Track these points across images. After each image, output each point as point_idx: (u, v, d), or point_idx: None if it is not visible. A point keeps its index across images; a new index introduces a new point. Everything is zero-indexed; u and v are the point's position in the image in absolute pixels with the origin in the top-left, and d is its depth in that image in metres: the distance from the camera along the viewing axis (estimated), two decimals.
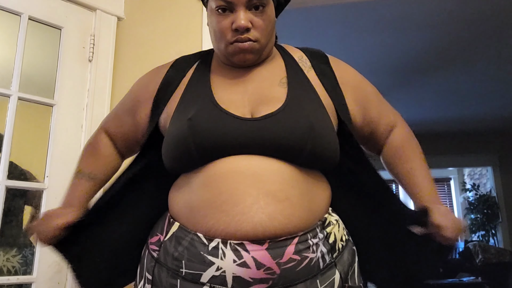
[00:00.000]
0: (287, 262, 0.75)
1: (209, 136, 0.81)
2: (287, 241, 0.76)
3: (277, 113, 0.83)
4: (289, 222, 0.76)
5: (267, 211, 0.75)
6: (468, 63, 3.73)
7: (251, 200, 0.75)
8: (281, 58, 0.98)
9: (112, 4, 1.76)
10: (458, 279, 4.48)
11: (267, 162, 0.79)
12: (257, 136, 0.80)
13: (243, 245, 0.74)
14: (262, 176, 0.78)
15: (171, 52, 1.78)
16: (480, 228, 5.70)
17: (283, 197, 0.77)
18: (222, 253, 0.74)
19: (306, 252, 0.77)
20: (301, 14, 2.90)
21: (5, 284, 1.38)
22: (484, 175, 6.10)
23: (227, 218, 0.75)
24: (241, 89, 0.91)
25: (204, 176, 0.81)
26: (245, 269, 0.73)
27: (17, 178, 1.47)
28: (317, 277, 0.77)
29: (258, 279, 0.73)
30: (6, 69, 1.50)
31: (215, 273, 0.74)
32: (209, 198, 0.78)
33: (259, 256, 0.73)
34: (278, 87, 0.90)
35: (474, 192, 6.00)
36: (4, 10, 1.50)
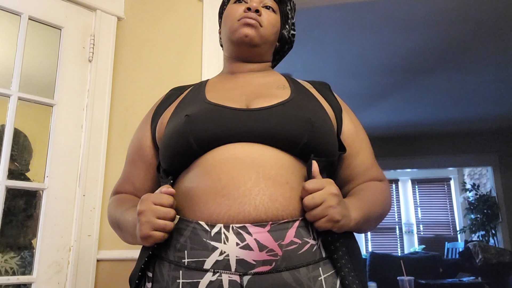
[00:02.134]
0: (289, 245, 0.75)
1: (207, 126, 0.83)
2: (289, 223, 0.76)
3: (276, 106, 0.86)
4: (289, 204, 0.77)
5: (268, 193, 0.76)
6: (468, 63, 3.74)
7: (252, 183, 0.77)
8: (281, 75, 1.06)
9: (112, 4, 1.76)
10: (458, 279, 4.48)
11: (265, 150, 0.81)
12: (254, 125, 0.82)
13: (245, 228, 0.74)
14: (262, 161, 0.79)
15: (171, 52, 1.78)
16: (480, 228, 5.71)
17: (284, 181, 0.78)
18: (225, 237, 0.75)
19: (307, 237, 0.77)
20: (301, 14, 2.89)
21: (5, 284, 1.38)
22: (484, 175, 6.11)
23: (228, 201, 0.76)
24: (238, 91, 0.95)
25: (202, 165, 0.82)
26: (248, 251, 0.73)
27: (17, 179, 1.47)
28: (319, 264, 0.77)
29: (261, 261, 0.73)
30: (6, 69, 1.50)
31: (218, 258, 0.74)
32: (209, 185, 0.79)
33: (262, 238, 0.74)
34: (277, 89, 0.94)
35: (474, 192, 6.01)
36: (4, 10, 1.50)
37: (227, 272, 0.73)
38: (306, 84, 1.03)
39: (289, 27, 1.10)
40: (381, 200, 0.93)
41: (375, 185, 0.96)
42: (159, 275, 0.80)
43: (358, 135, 0.99)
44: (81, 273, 1.49)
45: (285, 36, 1.09)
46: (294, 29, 1.12)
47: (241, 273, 0.73)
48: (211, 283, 0.73)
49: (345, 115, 0.98)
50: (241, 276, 0.73)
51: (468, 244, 4.76)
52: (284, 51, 1.13)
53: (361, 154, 0.97)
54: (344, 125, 0.97)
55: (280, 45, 1.10)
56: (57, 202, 1.50)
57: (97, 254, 1.54)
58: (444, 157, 5.94)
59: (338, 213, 0.76)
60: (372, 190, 0.93)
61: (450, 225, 6.89)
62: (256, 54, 1.02)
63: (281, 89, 0.95)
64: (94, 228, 1.54)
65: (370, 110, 4.96)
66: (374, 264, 5.10)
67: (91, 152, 1.58)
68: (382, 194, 0.94)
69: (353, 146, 0.96)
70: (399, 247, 6.96)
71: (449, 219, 6.92)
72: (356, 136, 0.98)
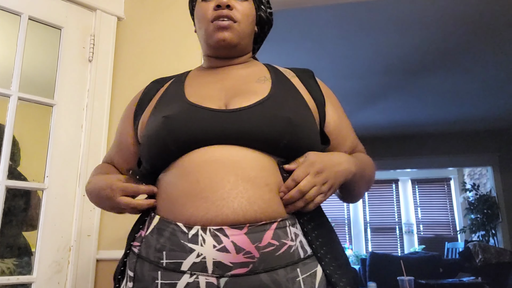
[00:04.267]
0: (266, 246, 0.75)
1: (184, 128, 0.83)
2: (266, 225, 0.76)
3: (254, 106, 0.85)
4: (268, 206, 0.77)
5: (247, 195, 0.76)
6: (468, 63, 3.74)
7: (230, 186, 0.76)
8: (262, 65, 1.03)
9: (112, 4, 1.76)
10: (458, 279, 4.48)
11: (245, 151, 0.80)
12: (233, 127, 0.82)
13: (222, 230, 0.74)
14: (240, 163, 0.79)
15: (170, 52, 1.78)
16: (480, 228, 5.70)
17: (263, 183, 0.78)
18: (202, 239, 0.75)
19: (285, 238, 0.77)
20: (301, 14, 2.90)
21: (5, 284, 1.38)
22: (484, 175, 6.11)
23: (206, 204, 0.76)
24: (218, 86, 0.94)
25: (181, 168, 0.82)
26: (225, 253, 0.73)
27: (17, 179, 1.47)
28: (298, 265, 0.77)
29: (238, 263, 0.73)
30: (6, 69, 1.50)
31: (195, 260, 0.74)
32: (187, 187, 0.79)
33: (239, 240, 0.74)
34: (258, 83, 0.93)
35: (474, 192, 6.01)
36: (4, 10, 1.50)
37: (204, 274, 0.73)
38: (289, 73, 1.00)
39: (265, 7, 1.07)
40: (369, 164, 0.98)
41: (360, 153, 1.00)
42: (140, 274, 0.80)
43: (342, 125, 0.99)
44: (81, 273, 1.49)
45: (263, 17, 1.06)
46: (270, 7, 1.08)
47: (218, 275, 0.73)
48: (188, 285, 0.74)
49: (328, 105, 0.97)
50: (218, 278, 0.73)
51: (468, 244, 4.76)
52: (265, 32, 1.10)
53: (347, 141, 0.98)
54: (328, 117, 0.96)
55: (259, 28, 1.07)
56: (57, 202, 1.50)
57: (97, 254, 1.54)
58: (444, 157, 5.93)
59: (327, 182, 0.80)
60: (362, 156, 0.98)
61: (450, 225, 6.89)
62: (236, 51, 1.01)
63: (262, 82, 0.93)
64: (94, 228, 1.54)
65: (370, 110, 4.96)
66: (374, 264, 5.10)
67: (91, 152, 1.58)
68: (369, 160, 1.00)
69: (339, 136, 0.97)
70: (399, 247, 6.96)
71: (449, 219, 6.92)
72: (340, 126, 0.98)
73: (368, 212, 7.24)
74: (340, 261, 0.83)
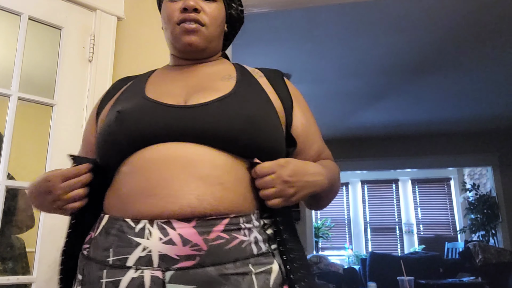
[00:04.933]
0: (215, 239, 0.72)
1: (136, 123, 0.80)
2: (217, 220, 0.73)
3: (213, 103, 0.81)
4: (219, 204, 0.74)
5: (197, 193, 0.73)
6: (468, 63, 3.74)
7: (180, 184, 0.74)
8: (231, 64, 1.00)
9: (112, 4, 1.76)
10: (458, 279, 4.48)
11: (200, 149, 0.78)
12: (188, 124, 0.78)
13: (169, 223, 0.72)
14: (194, 161, 0.76)
15: None
16: (480, 228, 5.71)
17: (216, 182, 0.75)
18: (148, 232, 0.72)
19: (237, 233, 0.74)
20: (301, 14, 2.90)
21: (5, 284, 1.38)
22: (484, 175, 6.11)
23: (154, 200, 0.73)
24: (180, 84, 0.91)
25: (132, 165, 0.79)
26: (171, 246, 0.71)
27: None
28: (249, 260, 0.74)
29: (184, 256, 0.70)
30: (6, 69, 1.50)
31: (141, 254, 0.71)
32: (137, 185, 0.76)
33: (186, 232, 0.71)
34: (222, 81, 0.89)
35: (474, 192, 6.01)
36: (4, 10, 1.50)
37: (149, 268, 0.70)
38: (257, 72, 0.97)
39: (236, 4, 1.02)
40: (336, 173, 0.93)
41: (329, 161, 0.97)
42: (87, 276, 0.77)
43: (310, 128, 0.95)
44: None
45: (234, 15, 1.02)
46: (241, 4, 1.04)
47: (163, 268, 0.70)
48: (133, 280, 0.70)
49: (296, 108, 0.93)
50: (163, 271, 0.70)
51: (468, 244, 4.76)
52: (236, 30, 1.07)
53: (314, 146, 0.95)
54: (295, 119, 0.92)
55: (230, 27, 1.04)
56: None
57: None
58: (444, 157, 5.94)
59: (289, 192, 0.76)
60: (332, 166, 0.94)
61: (450, 225, 6.90)
62: (204, 54, 0.98)
63: (226, 80, 0.90)
64: None
65: (370, 110, 4.97)
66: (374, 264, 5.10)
67: None
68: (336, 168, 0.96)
69: (306, 141, 0.94)
70: (399, 247, 6.96)
71: (449, 219, 6.92)
72: (308, 130, 0.94)
73: (368, 212, 7.24)
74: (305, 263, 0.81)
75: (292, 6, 2.06)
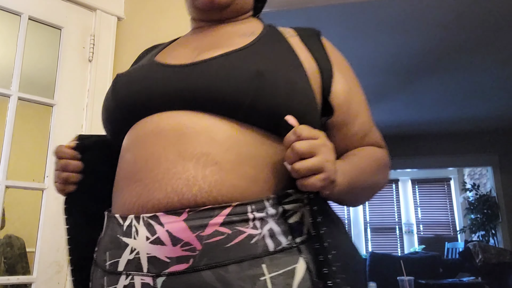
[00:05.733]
0: (212, 236, 0.58)
1: (128, 89, 0.68)
2: (214, 211, 0.58)
3: (215, 59, 0.66)
4: (215, 189, 0.59)
5: (185, 176, 0.59)
6: (468, 63, 3.74)
7: (167, 165, 0.60)
8: (260, 23, 0.84)
9: (112, 4, 1.76)
10: (458, 279, 4.48)
11: (197, 119, 0.63)
12: (184, 85, 0.64)
13: (156, 218, 0.59)
14: (187, 136, 0.62)
15: None
16: (480, 228, 5.71)
17: (211, 162, 0.60)
18: (135, 230, 0.60)
19: (242, 225, 0.59)
20: (301, 14, 2.90)
21: (5, 284, 1.38)
22: (484, 175, 6.11)
23: (139, 188, 0.62)
24: (194, 44, 0.78)
25: (124, 144, 0.69)
26: (160, 246, 0.58)
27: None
28: (262, 260, 0.58)
29: (175, 258, 0.58)
30: (6, 69, 1.49)
31: (129, 257, 0.61)
32: (124, 169, 0.66)
33: (175, 228, 0.58)
34: (240, 38, 0.74)
35: (474, 192, 6.01)
36: (4, 10, 1.50)
37: (139, 274, 0.59)
38: (288, 31, 0.80)
39: None
40: (374, 168, 0.75)
41: (370, 150, 0.78)
42: (93, 284, 0.68)
43: (355, 97, 0.78)
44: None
45: None
46: None
47: (154, 274, 0.58)
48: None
49: (336, 72, 0.76)
50: (154, 277, 0.58)
51: (468, 244, 4.76)
52: None
53: (358, 120, 0.78)
54: (335, 85, 0.75)
55: None
56: (57, 202, 1.50)
57: None
58: (444, 157, 5.93)
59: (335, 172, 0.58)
60: (365, 156, 0.76)
61: (450, 225, 6.89)
62: (228, 13, 0.82)
63: (245, 37, 0.74)
64: None
65: (370, 110, 4.96)
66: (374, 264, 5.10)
67: None
68: (377, 161, 0.77)
69: (349, 112, 0.77)
70: (399, 247, 6.95)
71: (449, 219, 6.92)
72: (351, 99, 0.77)
73: (368, 212, 7.24)
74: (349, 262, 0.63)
75: (292, 6, 2.06)
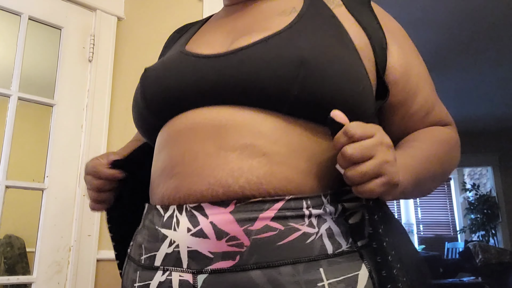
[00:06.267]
0: (262, 231, 0.51)
1: (158, 86, 0.63)
2: (265, 204, 0.52)
3: (254, 46, 0.59)
4: (265, 181, 0.53)
5: (229, 168, 0.54)
6: (468, 63, 3.74)
7: (207, 158, 0.55)
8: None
9: (112, 4, 1.76)
10: (458, 279, 4.48)
11: (237, 113, 0.57)
12: (219, 78, 0.58)
13: (201, 208, 0.54)
14: (227, 129, 0.56)
15: None
16: (480, 228, 5.71)
17: (257, 153, 0.54)
18: (176, 221, 0.55)
19: (297, 222, 0.52)
20: None
21: (5, 284, 1.38)
22: (484, 175, 6.11)
23: (176, 181, 0.57)
24: (228, 28, 0.71)
25: (158, 140, 0.65)
26: (202, 239, 0.52)
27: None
28: (319, 263, 0.51)
29: (219, 254, 0.52)
30: (6, 69, 1.50)
31: (167, 250, 0.55)
32: (161, 165, 0.61)
33: (220, 221, 0.52)
34: (280, 16, 0.66)
35: (474, 192, 6.01)
36: (4, 10, 1.50)
37: (178, 270, 0.54)
38: (333, 1, 0.69)
39: None
40: (442, 154, 0.65)
41: (435, 132, 0.67)
42: (125, 281, 0.64)
43: (413, 69, 0.67)
44: (81, 273, 1.49)
45: None
46: None
47: (194, 270, 0.53)
48: (160, 285, 0.55)
49: (391, 43, 0.66)
50: (194, 274, 0.53)
51: (468, 244, 4.76)
52: None
53: (418, 97, 0.67)
54: (391, 59, 0.65)
55: None
56: (57, 202, 1.50)
57: (97, 254, 1.54)
58: None
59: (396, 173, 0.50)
60: (430, 141, 0.65)
61: (450, 225, 6.89)
62: None
63: (285, 15, 0.65)
64: (94, 228, 1.54)
65: None
66: None
67: (91, 152, 1.58)
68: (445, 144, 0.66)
69: (407, 89, 0.66)
70: None
71: (449, 219, 6.92)
72: (409, 72, 0.66)
73: None
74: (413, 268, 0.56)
75: None
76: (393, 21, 0.71)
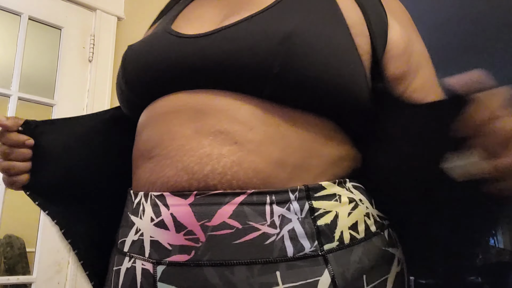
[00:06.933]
0: (218, 228, 0.49)
1: (138, 65, 0.61)
2: (225, 197, 0.50)
3: (238, 24, 0.56)
4: (230, 172, 0.50)
5: (198, 154, 0.51)
6: (468, 63, 3.74)
7: (182, 141, 0.53)
8: None
9: (112, 4, 1.76)
10: None
11: (218, 97, 0.54)
12: (200, 60, 0.55)
13: (163, 198, 0.52)
14: (206, 113, 0.54)
15: None
16: None
17: (230, 140, 0.51)
18: (142, 209, 0.54)
19: (257, 220, 0.49)
20: None
21: (5, 284, 1.38)
22: None
23: (151, 164, 0.55)
24: (222, 3, 0.67)
25: (139, 123, 0.63)
26: (163, 231, 0.51)
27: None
28: (277, 266, 0.48)
29: (177, 247, 0.50)
30: (6, 69, 1.50)
31: (134, 238, 0.54)
32: (139, 147, 0.60)
33: (180, 213, 0.50)
34: None
35: None
36: (4, 10, 1.50)
37: (140, 258, 0.53)
38: None
39: None
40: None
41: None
42: (110, 264, 0.63)
43: (414, 47, 0.64)
44: (81, 273, 1.49)
45: None
46: None
47: (154, 260, 0.51)
48: (127, 271, 0.54)
49: (391, 19, 0.62)
50: (154, 264, 0.51)
51: None
52: None
53: (419, 74, 0.63)
54: (392, 36, 0.61)
55: None
56: None
57: None
58: None
59: None
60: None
61: None
62: None
63: None
64: None
65: None
66: None
67: None
68: None
69: (410, 64, 0.62)
70: None
71: None
72: (412, 49, 0.63)
73: None
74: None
75: None
76: (398, 2, 0.67)
